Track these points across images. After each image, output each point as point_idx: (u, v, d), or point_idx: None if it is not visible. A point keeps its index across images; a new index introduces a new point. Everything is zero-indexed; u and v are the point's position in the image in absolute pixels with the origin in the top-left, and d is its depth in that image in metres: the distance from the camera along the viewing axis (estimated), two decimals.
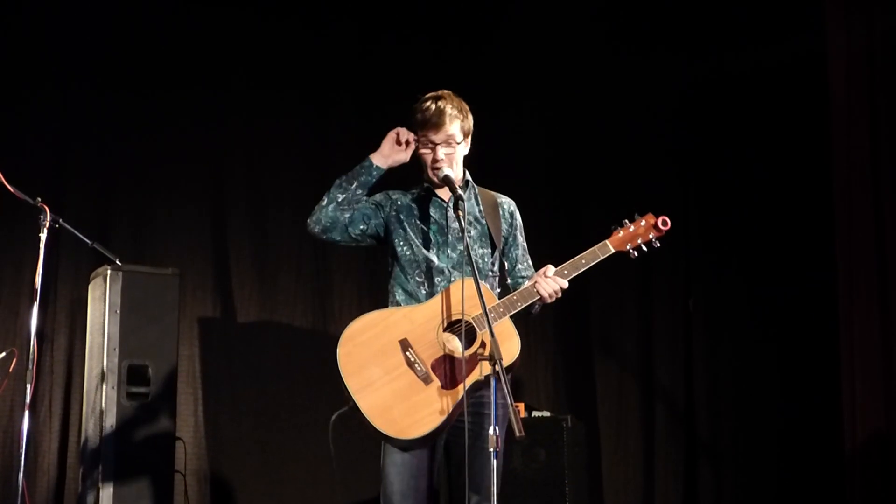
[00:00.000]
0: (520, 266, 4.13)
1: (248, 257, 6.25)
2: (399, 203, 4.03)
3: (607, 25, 7.01)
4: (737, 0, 6.83)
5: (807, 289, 6.65)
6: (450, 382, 3.72)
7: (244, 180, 6.33)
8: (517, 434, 3.42)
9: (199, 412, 5.96)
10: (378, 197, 4.06)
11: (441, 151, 3.93)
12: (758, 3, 6.79)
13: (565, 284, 3.87)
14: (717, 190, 6.99)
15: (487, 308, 3.63)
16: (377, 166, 3.98)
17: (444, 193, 4.02)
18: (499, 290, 4.05)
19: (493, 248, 4.02)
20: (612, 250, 3.96)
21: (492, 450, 3.46)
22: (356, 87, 6.58)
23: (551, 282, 3.85)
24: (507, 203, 4.16)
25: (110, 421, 5.01)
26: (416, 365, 3.73)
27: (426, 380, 3.72)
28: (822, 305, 6.46)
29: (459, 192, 3.83)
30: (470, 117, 4.00)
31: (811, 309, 6.61)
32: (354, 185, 3.99)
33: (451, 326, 3.80)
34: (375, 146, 6.38)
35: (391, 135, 3.98)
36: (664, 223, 4.00)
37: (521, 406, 5.85)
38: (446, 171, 3.92)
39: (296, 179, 6.38)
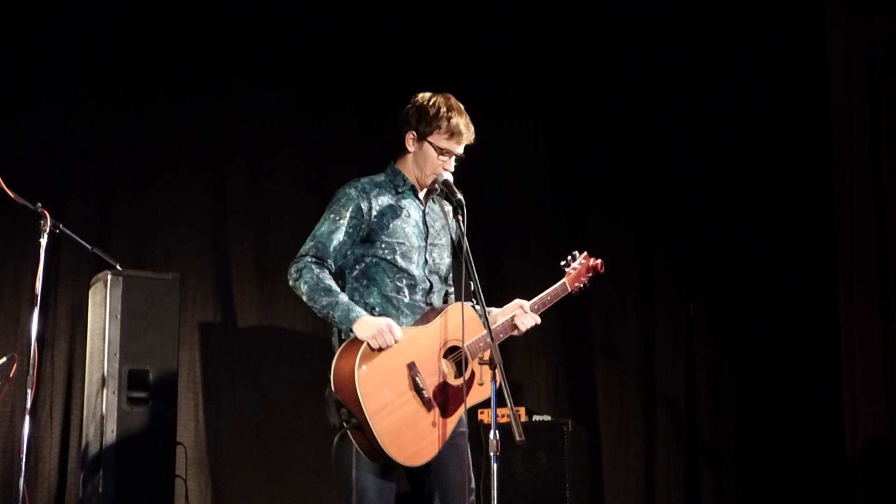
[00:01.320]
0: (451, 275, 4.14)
1: (249, 262, 6.24)
2: (380, 203, 3.90)
3: (609, 31, 7.01)
4: (737, 6, 6.83)
5: (808, 293, 6.64)
6: (445, 410, 3.74)
7: (245, 186, 6.33)
8: (518, 438, 3.43)
9: (200, 417, 5.95)
10: (354, 208, 3.86)
11: (453, 163, 3.93)
12: (758, 8, 6.79)
13: (539, 321, 3.99)
14: (718, 194, 6.98)
15: (481, 334, 3.75)
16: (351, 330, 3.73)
17: (421, 194, 3.99)
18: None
19: (455, 255, 4.04)
20: (569, 290, 4.11)
21: (492, 454, 3.46)
22: (356, 92, 6.57)
23: (529, 318, 3.96)
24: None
25: (111, 426, 5.00)
26: (423, 391, 3.72)
27: (428, 406, 3.72)
28: (823, 309, 6.46)
29: (460, 197, 3.82)
30: None
31: (812, 313, 6.60)
32: (328, 314, 3.77)
33: (450, 353, 3.81)
34: (375, 150, 6.41)
35: (386, 338, 3.69)
36: (602, 266, 4.14)
37: (522, 410, 5.83)
38: (447, 175, 3.91)
39: (297, 184, 6.38)
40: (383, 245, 3.87)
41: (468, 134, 3.92)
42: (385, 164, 4.02)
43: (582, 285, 4.12)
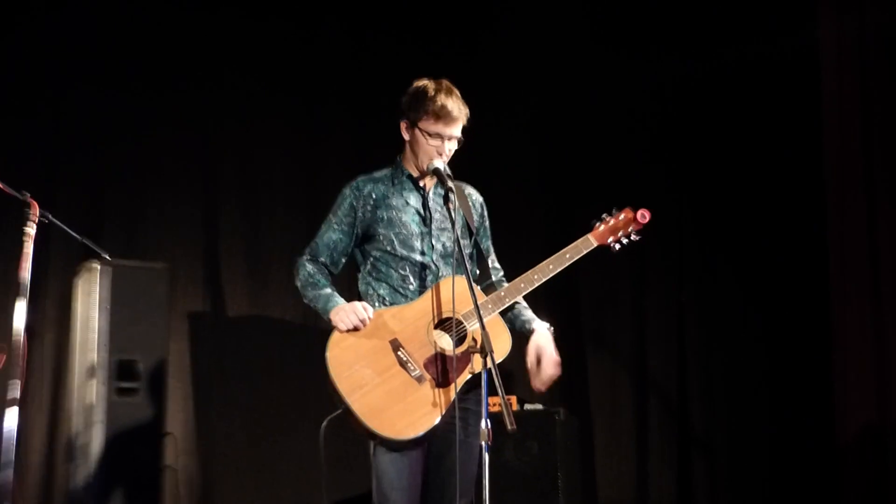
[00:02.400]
0: (493, 257, 4.18)
1: (239, 253, 6.24)
2: (374, 196, 3.96)
3: (596, 23, 6.98)
4: None
5: (799, 282, 6.64)
6: (443, 380, 3.72)
7: (236, 177, 6.32)
8: (509, 427, 3.41)
9: (190, 408, 5.93)
10: (346, 206, 3.96)
11: (448, 146, 3.91)
12: None
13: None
14: (710, 184, 6.97)
15: (482, 301, 3.73)
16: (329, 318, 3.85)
17: (424, 181, 4.00)
18: (478, 273, 4.06)
19: (470, 235, 4.01)
20: (595, 244, 4.00)
21: (483, 443, 3.44)
22: (347, 86, 6.56)
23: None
24: (475, 193, 4.17)
25: (99, 416, 4.97)
26: (409, 364, 3.73)
27: (420, 379, 3.72)
28: (814, 298, 6.45)
29: (451, 184, 3.81)
30: None
31: (803, 302, 6.59)
32: (315, 306, 3.92)
33: (442, 324, 3.80)
34: (365, 145, 6.39)
35: (358, 318, 3.77)
36: (643, 216, 4.06)
37: (514, 399, 5.82)
38: (437, 163, 3.89)
39: (288, 178, 6.38)
40: (381, 237, 3.93)
41: (457, 115, 3.89)
42: (389, 158, 4.05)
43: (621, 239, 4.03)
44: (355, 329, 3.76)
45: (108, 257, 5.10)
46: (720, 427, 6.81)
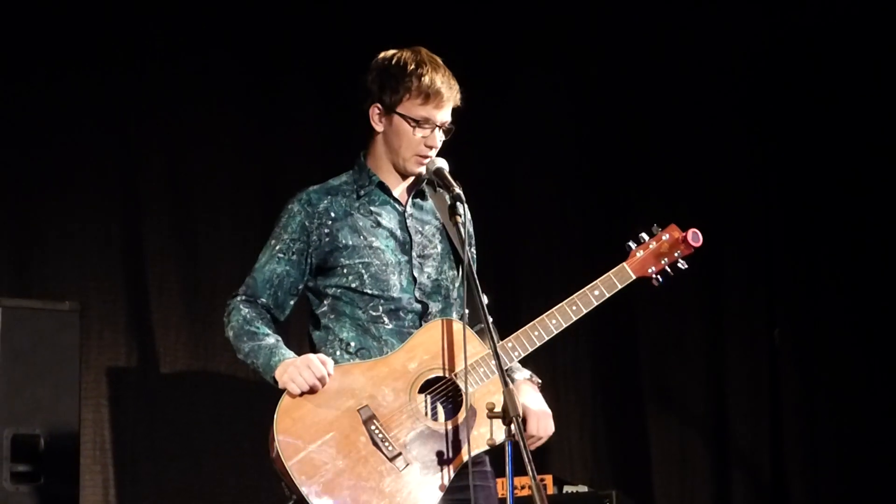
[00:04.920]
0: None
1: (173, 286, 6.25)
2: (331, 215, 3.97)
3: None
4: None
5: None
6: (434, 464, 3.75)
7: (166, 185, 6.32)
8: None
9: (111, 497, 5.93)
10: (294, 227, 3.96)
11: (439, 136, 3.94)
12: None
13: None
14: (807, 175, 6.98)
15: (484, 354, 3.80)
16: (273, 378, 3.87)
17: (399, 191, 4.03)
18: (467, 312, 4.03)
19: (458, 263, 4.03)
20: (633, 276, 4.05)
21: None
22: (314, 57, 6.56)
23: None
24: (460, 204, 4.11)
25: None
26: (385, 443, 3.74)
27: (400, 463, 3.73)
28: None
29: (458, 190, 3.83)
30: None
31: None
32: (251, 363, 3.95)
33: (430, 385, 3.82)
34: (334, 138, 6.33)
35: (314, 376, 3.79)
36: (695, 237, 4.08)
37: (549, 479, 5.84)
38: (441, 162, 3.94)
39: (236, 181, 6.39)
40: (344, 270, 3.95)
41: (450, 93, 3.95)
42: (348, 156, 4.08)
43: (665, 269, 4.07)
44: (311, 391, 3.76)
45: None
46: None
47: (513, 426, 3.49)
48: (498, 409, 3.57)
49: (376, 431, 3.74)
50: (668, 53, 6.98)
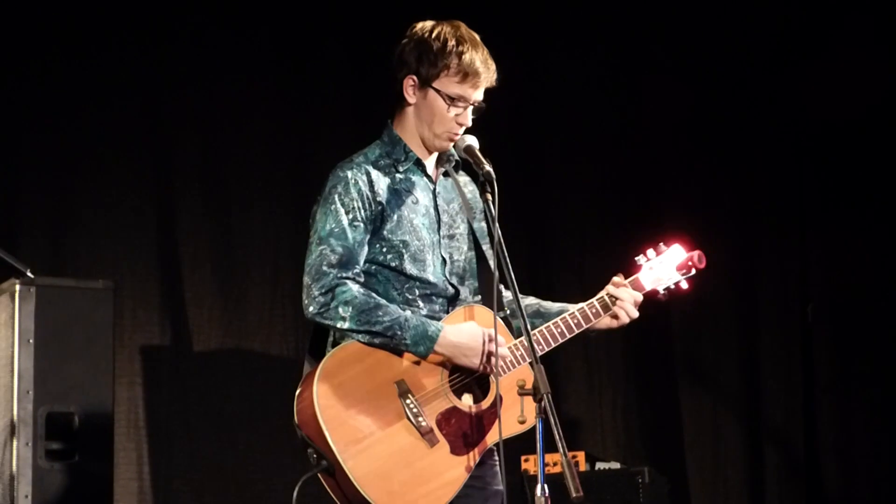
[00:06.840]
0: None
1: (206, 265, 6.27)
2: (382, 190, 3.90)
3: None
4: None
5: None
6: (461, 445, 3.76)
7: (199, 163, 6.36)
8: (574, 494, 3.41)
9: (145, 475, 5.98)
10: (355, 193, 3.86)
11: (470, 115, 3.94)
12: None
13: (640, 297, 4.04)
14: (841, 149, 6.96)
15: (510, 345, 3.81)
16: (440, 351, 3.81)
17: (430, 167, 4.01)
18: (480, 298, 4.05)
19: (476, 245, 4.03)
20: (645, 289, 4.10)
21: None
22: (348, 29, 6.56)
23: (627, 294, 4.01)
24: (471, 184, 4.12)
25: (24, 489, 5.00)
26: (419, 418, 3.74)
27: (431, 440, 3.74)
28: None
29: (488, 168, 3.81)
30: None
31: None
32: (393, 336, 3.79)
33: (457, 371, 3.83)
34: (370, 112, 6.33)
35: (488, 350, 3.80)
36: (699, 259, 4.13)
37: (581, 456, 5.85)
38: (471, 139, 3.93)
39: (267, 156, 6.41)
40: (384, 247, 3.90)
41: (487, 73, 3.92)
42: (381, 128, 4.04)
43: (671, 286, 4.12)
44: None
45: (30, 275, 5.15)
46: (862, 490, 6.83)
47: (543, 402, 3.49)
48: (528, 386, 3.56)
49: (411, 406, 3.74)
50: (702, 34, 6.94)
